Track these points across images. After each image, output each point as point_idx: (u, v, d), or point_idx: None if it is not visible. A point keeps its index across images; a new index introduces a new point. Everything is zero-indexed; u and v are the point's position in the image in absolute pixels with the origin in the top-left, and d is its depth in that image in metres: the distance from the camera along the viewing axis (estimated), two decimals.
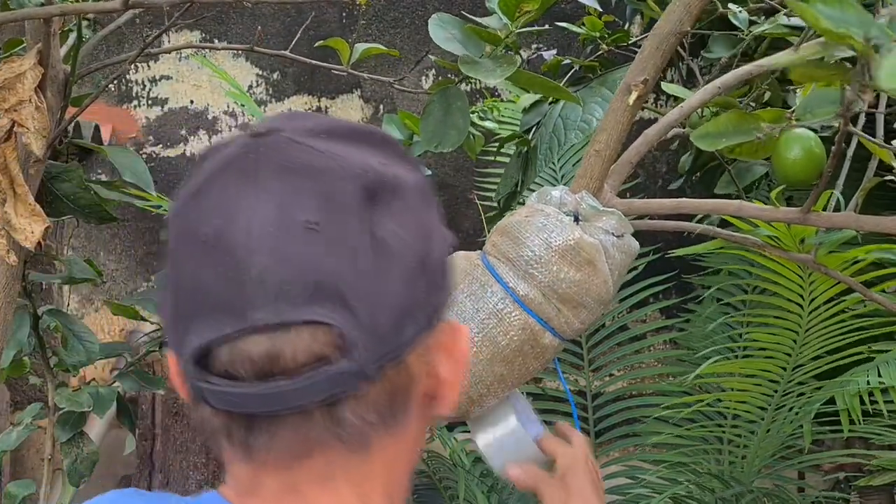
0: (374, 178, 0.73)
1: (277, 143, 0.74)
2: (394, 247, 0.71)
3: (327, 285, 0.69)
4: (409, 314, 0.72)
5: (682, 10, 1.30)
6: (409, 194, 0.75)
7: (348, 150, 0.74)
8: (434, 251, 0.75)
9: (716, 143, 1.20)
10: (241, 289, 0.69)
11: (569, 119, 1.81)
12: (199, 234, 0.71)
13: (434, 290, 0.74)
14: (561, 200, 1.31)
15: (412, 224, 0.74)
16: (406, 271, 0.72)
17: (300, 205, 0.71)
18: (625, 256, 1.30)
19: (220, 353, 0.70)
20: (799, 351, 2.55)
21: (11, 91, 1.73)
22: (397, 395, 0.73)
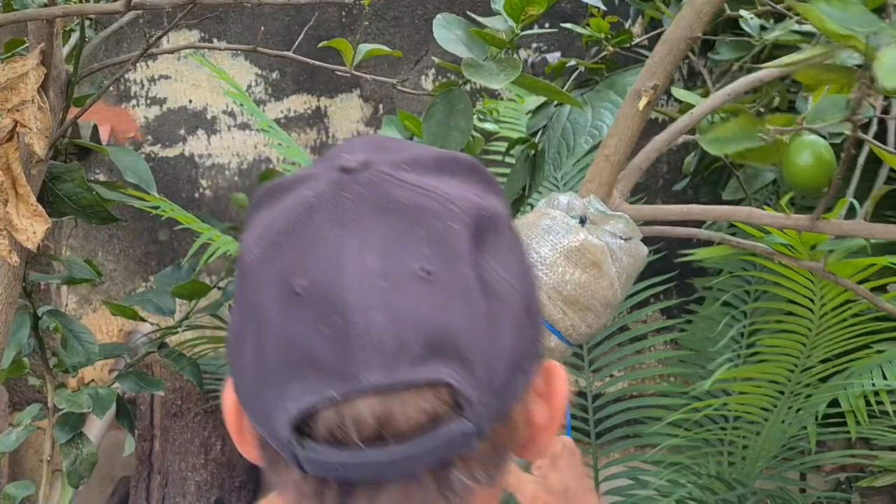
0: (477, 216, 0.67)
1: (374, 181, 0.67)
2: (502, 292, 0.66)
3: (445, 340, 0.63)
4: (519, 364, 0.66)
5: (693, 15, 1.29)
6: (506, 229, 0.70)
7: (444, 183, 0.68)
8: (532, 287, 0.70)
9: (725, 148, 1.19)
10: (349, 347, 0.62)
11: (578, 123, 1.80)
12: (292, 286, 0.64)
13: (537, 330, 0.69)
14: (569, 205, 1.30)
15: (514, 263, 0.69)
16: (516, 318, 0.66)
17: (410, 251, 0.64)
18: (633, 260, 1.29)
19: (323, 417, 0.63)
20: (808, 354, 2.54)
21: (14, 91, 1.72)
22: (501, 448, 0.68)
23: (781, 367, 2.59)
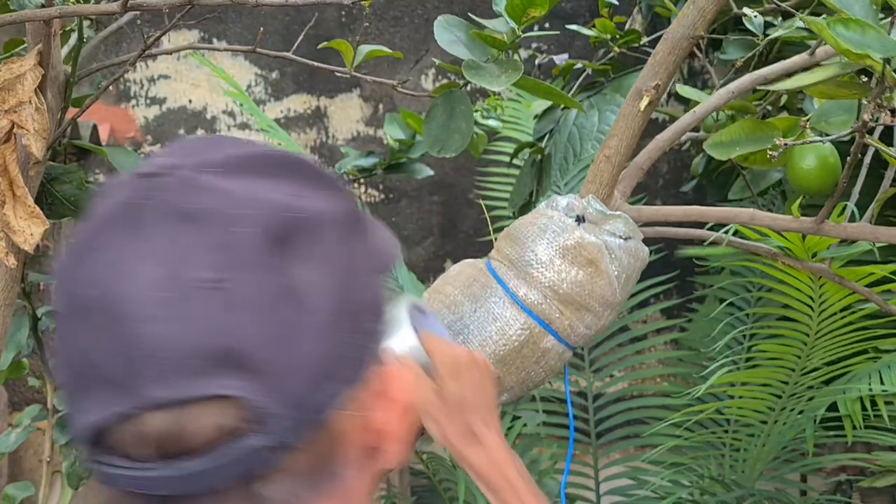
0: (283, 219, 0.64)
1: (170, 186, 0.64)
2: (309, 298, 0.63)
3: (233, 353, 0.60)
4: (328, 373, 0.63)
5: (695, 13, 1.28)
6: (329, 229, 0.66)
7: (253, 185, 0.65)
8: (359, 290, 0.66)
9: (729, 152, 1.19)
10: (131, 362, 0.60)
11: (584, 128, 1.79)
12: (83, 299, 0.63)
13: (360, 336, 0.66)
14: (568, 206, 1.30)
15: (331, 265, 0.65)
16: (324, 325, 0.63)
17: (196, 260, 0.62)
18: (632, 259, 1.28)
19: (115, 432, 0.61)
20: (807, 356, 2.53)
21: (11, 92, 1.71)
22: (324, 459, 0.65)
23: (781, 370, 2.59)
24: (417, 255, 3.68)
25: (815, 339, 2.49)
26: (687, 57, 2.21)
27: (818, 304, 2.42)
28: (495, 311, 1.26)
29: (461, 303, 1.28)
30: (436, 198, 3.68)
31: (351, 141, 3.66)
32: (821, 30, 0.91)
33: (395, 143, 2.73)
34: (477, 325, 1.26)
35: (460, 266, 1.33)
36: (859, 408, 2.38)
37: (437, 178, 3.62)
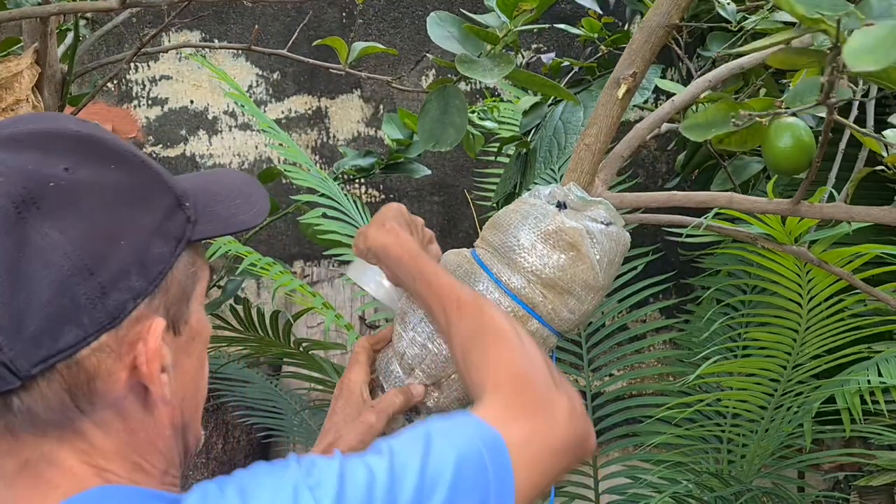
0: (32, 188, 0.78)
1: None
2: (47, 255, 0.77)
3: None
4: (69, 318, 0.78)
5: (670, 2, 1.29)
6: (90, 199, 0.80)
7: (24, 157, 0.80)
8: (116, 252, 0.80)
9: (704, 134, 1.20)
10: None
11: (569, 123, 1.80)
12: None
13: (114, 290, 0.79)
14: (550, 194, 1.31)
15: (83, 230, 0.79)
16: (62, 278, 0.77)
17: None
18: (614, 244, 1.29)
19: None
20: (799, 350, 2.55)
21: (8, 90, 1.73)
22: (79, 388, 0.80)
23: (773, 362, 2.60)
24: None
25: (806, 331, 2.51)
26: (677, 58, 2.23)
27: (806, 294, 2.44)
28: None
29: None
30: (436, 198, 3.70)
31: (351, 141, 3.68)
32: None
33: (394, 143, 2.75)
34: None
35: (446, 255, 1.35)
36: (858, 401, 2.39)
37: (437, 178, 3.64)
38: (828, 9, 0.91)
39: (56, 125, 0.84)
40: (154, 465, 0.86)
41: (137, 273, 0.81)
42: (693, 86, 1.32)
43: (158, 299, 0.83)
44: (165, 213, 0.84)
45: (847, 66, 0.81)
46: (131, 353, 0.82)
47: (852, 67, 0.80)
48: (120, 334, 0.81)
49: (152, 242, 0.82)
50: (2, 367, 0.77)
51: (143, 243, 0.82)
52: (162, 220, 0.84)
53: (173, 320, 0.85)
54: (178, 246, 0.85)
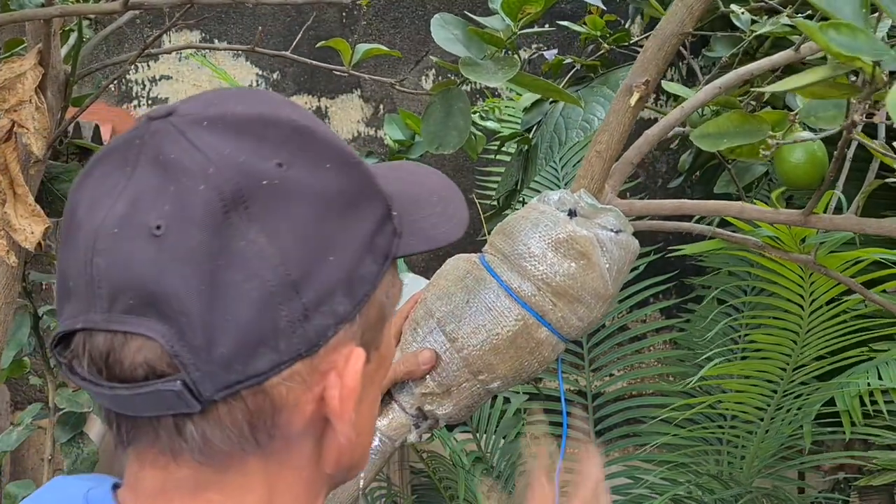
0: (241, 182, 0.67)
1: (160, 132, 0.69)
2: (252, 264, 0.66)
3: (157, 298, 0.65)
4: (265, 341, 0.67)
5: (684, 11, 1.29)
6: (302, 203, 0.68)
7: (234, 145, 0.68)
8: (324, 269, 0.68)
9: (717, 144, 1.20)
10: (89, 285, 0.67)
11: (570, 118, 1.80)
12: (72, 218, 0.69)
13: (316, 313, 0.68)
14: (560, 200, 1.31)
15: (293, 239, 0.67)
16: (264, 295, 0.66)
17: (153, 206, 0.66)
18: (623, 252, 1.29)
19: (76, 341, 0.69)
20: (800, 352, 2.55)
21: (12, 91, 1.73)
22: (260, 419, 0.69)
23: (774, 364, 2.60)
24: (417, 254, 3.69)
25: (807, 333, 2.51)
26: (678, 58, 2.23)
27: (808, 298, 2.45)
28: (489, 303, 1.27)
29: (455, 294, 1.29)
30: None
31: (352, 141, 3.67)
32: (812, 33, 0.92)
33: (395, 144, 2.74)
34: (470, 315, 1.27)
35: (454, 260, 1.35)
36: (858, 403, 2.39)
37: None
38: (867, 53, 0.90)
39: (270, 108, 0.72)
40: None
41: (344, 294, 0.69)
42: (703, 92, 1.32)
43: (357, 324, 0.71)
44: (377, 224, 0.73)
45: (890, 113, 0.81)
46: (321, 382, 0.70)
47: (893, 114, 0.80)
48: (315, 363, 0.69)
49: (363, 259, 0.71)
50: (184, 389, 0.66)
51: (354, 259, 0.70)
52: (373, 232, 0.72)
53: (367, 346, 0.73)
54: (384, 263, 0.73)
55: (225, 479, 0.71)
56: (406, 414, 1.31)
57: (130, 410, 0.69)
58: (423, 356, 1.27)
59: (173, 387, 0.66)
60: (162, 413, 0.68)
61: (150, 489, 0.72)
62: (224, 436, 0.68)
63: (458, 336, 1.27)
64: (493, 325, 1.26)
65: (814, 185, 1.28)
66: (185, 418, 0.68)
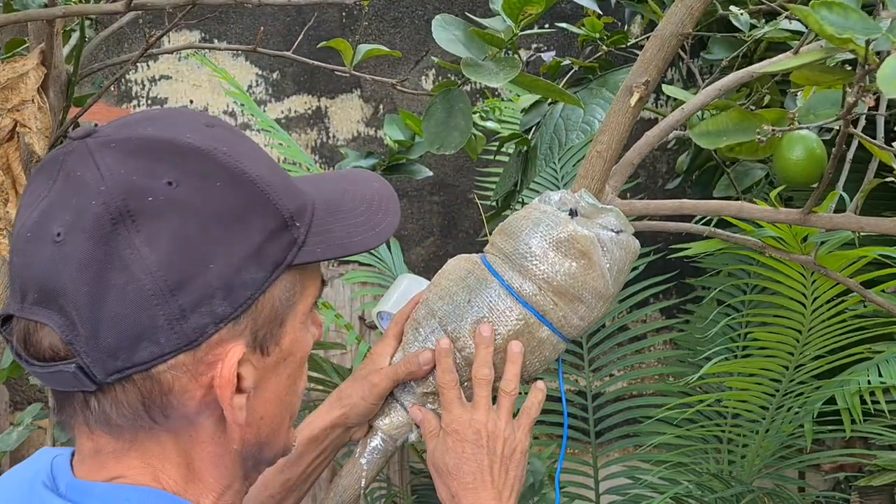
0: (130, 200, 0.78)
1: (76, 150, 0.81)
2: (133, 270, 0.77)
3: (53, 293, 0.78)
4: (145, 335, 0.78)
5: (683, 11, 1.30)
6: (186, 218, 0.79)
7: (132, 164, 0.80)
8: (203, 275, 0.79)
9: (716, 142, 1.20)
10: (10, 280, 0.83)
11: (570, 120, 1.80)
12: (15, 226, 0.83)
13: (194, 313, 0.79)
14: (561, 200, 1.31)
15: (172, 249, 0.78)
16: (142, 296, 0.78)
17: (58, 216, 0.79)
18: (624, 252, 1.30)
19: (11, 325, 0.83)
20: (801, 350, 2.56)
21: (14, 91, 1.73)
22: (152, 400, 0.81)
23: (775, 363, 2.61)
24: (417, 254, 3.69)
25: (808, 332, 2.51)
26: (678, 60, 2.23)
27: (810, 297, 2.45)
28: (491, 303, 1.28)
29: (456, 293, 1.29)
30: (436, 198, 3.70)
31: (351, 141, 3.68)
32: (805, 15, 0.93)
33: (395, 144, 2.74)
34: (472, 315, 1.28)
35: (455, 261, 1.35)
36: (858, 402, 2.40)
37: (437, 178, 3.64)
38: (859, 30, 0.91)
39: (175, 132, 0.83)
40: (216, 478, 0.87)
41: (223, 298, 0.80)
42: (703, 94, 1.33)
43: (244, 323, 0.82)
44: (266, 236, 0.83)
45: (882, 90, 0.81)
46: (209, 372, 0.81)
47: (887, 94, 0.80)
48: (198, 355, 0.80)
49: (245, 267, 0.81)
50: (79, 371, 0.78)
51: (234, 268, 0.81)
52: (261, 243, 0.82)
53: (262, 342, 0.84)
54: (274, 271, 0.83)
55: (143, 448, 0.83)
56: (407, 413, 1.31)
57: (49, 384, 0.82)
58: (424, 356, 1.28)
59: (69, 368, 0.79)
60: (69, 389, 0.81)
61: (87, 453, 0.85)
62: (120, 412, 0.81)
63: (460, 336, 1.27)
64: (495, 325, 1.27)
65: (812, 182, 1.29)
66: (90, 395, 0.81)
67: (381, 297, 1.46)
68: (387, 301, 1.44)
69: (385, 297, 1.44)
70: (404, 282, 1.45)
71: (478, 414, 1.23)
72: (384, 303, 1.44)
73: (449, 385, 1.25)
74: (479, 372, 1.25)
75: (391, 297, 1.43)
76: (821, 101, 1.22)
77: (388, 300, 1.43)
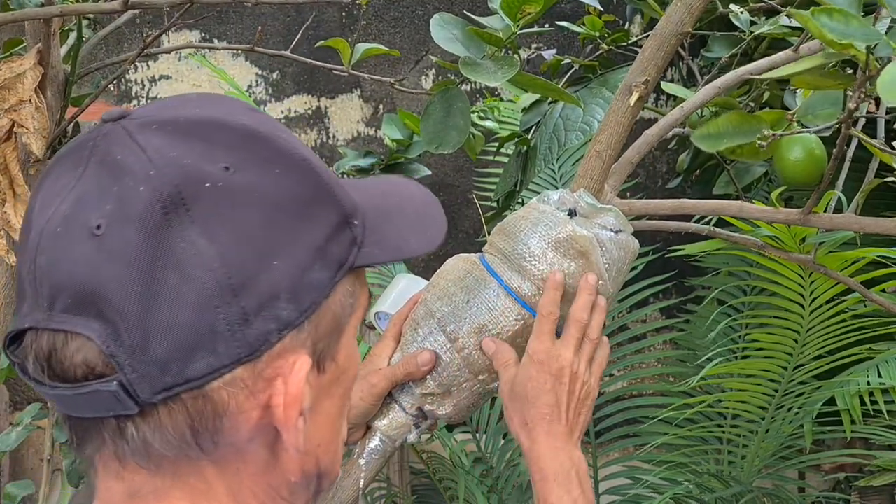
0: (181, 184, 0.67)
1: (111, 134, 0.70)
2: (191, 266, 0.66)
3: (92, 297, 0.66)
4: (202, 344, 0.67)
5: (683, 10, 1.29)
6: (248, 206, 0.69)
7: (182, 147, 0.69)
8: (267, 273, 0.68)
9: (717, 144, 1.20)
10: (31, 285, 0.69)
11: (569, 120, 1.80)
12: (26, 219, 0.71)
13: (258, 318, 0.68)
14: (560, 200, 1.31)
15: (234, 242, 0.67)
16: (201, 298, 0.66)
17: (96, 206, 0.67)
18: (623, 252, 1.29)
19: (25, 340, 0.70)
20: (800, 351, 2.55)
21: (11, 91, 1.73)
22: (202, 423, 0.69)
23: (774, 363, 2.60)
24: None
25: (807, 332, 2.51)
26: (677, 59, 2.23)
27: (809, 297, 2.45)
28: (490, 302, 1.27)
29: (455, 294, 1.29)
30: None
31: (351, 141, 3.67)
32: (805, 21, 0.92)
33: (393, 144, 2.74)
34: (471, 315, 1.27)
35: (454, 261, 1.35)
36: (858, 402, 2.40)
37: (437, 178, 3.63)
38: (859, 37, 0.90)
39: (225, 113, 0.72)
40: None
41: (288, 300, 0.69)
42: (702, 92, 1.32)
43: (307, 332, 0.71)
44: (330, 231, 0.72)
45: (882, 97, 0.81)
46: (267, 390, 0.70)
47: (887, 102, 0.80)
48: (258, 368, 0.69)
49: (311, 266, 0.70)
50: (121, 390, 0.66)
51: (301, 266, 0.70)
52: (326, 239, 0.72)
53: (320, 357, 0.73)
54: (338, 272, 0.72)
55: (187, 485, 0.71)
56: (406, 414, 1.31)
57: (75, 411, 0.69)
58: (423, 358, 1.27)
59: (110, 387, 0.66)
60: (103, 414, 0.68)
61: (118, 499, 0.72)
62: (164, 440, 0.68)
63: (459, 336, 1.27)
64: (494, 325, 1.26)
65: (813, 182, 1.29)
66: (127, 420, 0.68)
67: (379, 297, 1.46)
68: (384, 301, 1.43)
69: (383, 296, 1.44)
70: (402, 281, 1.45)
71: (566, 352, 1.21)
72: (381, 303, 1.44)
73: (549, 316, 1.22)
74: (576, 314, 1.23)
75: (389, 296, 1.43)
76: (820, 100, 1.21)
77: (386, 300, 1.43)
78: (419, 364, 1.27)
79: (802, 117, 1.21)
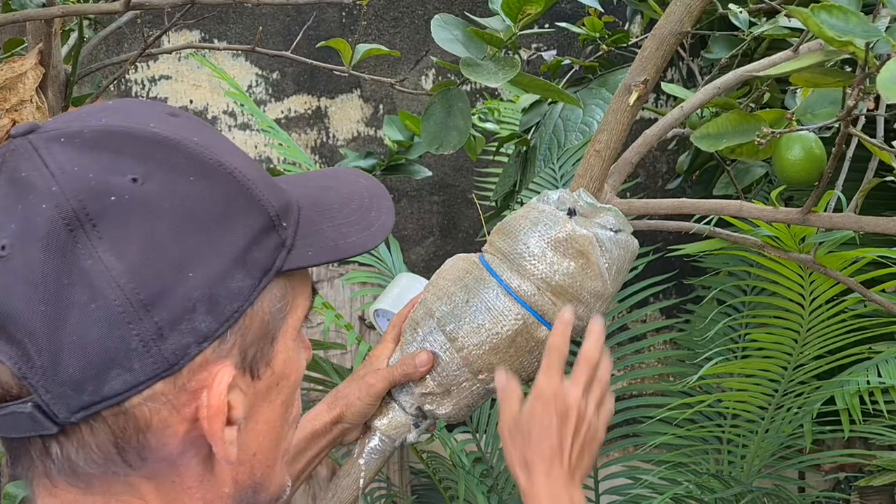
0: (89, 201, 0.65)
1: (18, 150, 0.68)
2: (97, 283, 0.64)
3: (3, 320, 0.65)
4: (117, 362, 0.65)
5: (682, 10, 1.29)
6: (157, 218, 0.66)
7: (87, 160, 0.67)
8: (181, 286, 0.66)
9: (716, 144, 1.20)
10: None
11: (569, 120, 1.81)
12: None
13: (173, 332, 0.66)
14: (559, 200, 1.31)
15: (144, 256, 0.66)
16: (110, 314, 0.65)
17: (1, 226, 0.66)
18: (622, 252, 1.30)
19: None
20: (800, 351, 2.56)
21: (12, 91, 1.73)
22: (127, 439, 0.68)
23: (773, 362, 2.61)
24: (417, 254, 3.69)
25: (807, 331, 2.52)
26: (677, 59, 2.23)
27: (809, 297, 2.45)
28: (489, 302, 1.28)
29: (454, 293, 1.29)
30: (436, 198, 3.70)
31: (351, 141, 3.68)
32: (805, 18, 0.93)
33: (394, 145, 2.74)
34: (470, 315, 1.28)
35: (453, 260, 1.35)
36: (857, 402, 2.40)
37: (437, 178, 3.64)
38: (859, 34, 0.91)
39: (136, 122, 0.70)
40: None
41: (206, 311, 0.67)
42: (702, 92, 1.33)
43: (231, 342, 0.69)
44: (252, 237, 0.70)
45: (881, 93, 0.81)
46: (193, 402, 0.69)
47: (887, 99, 0.80)
48: (179, 382, 0.67)
49: (230, 275, 0.68)
50: (36, 411, 0.65)
51: (218, 276, 0.68)
52: (247, 246, 0.69)
53: (251, 364, 0.72)
54: (262, 278, 0.70)
55: (120, 502, 0.70)
56: (406, 413, 1.32)
57: (1, 432, 0.68)
58: (421, 358, 1.27)
59: (25, 409, 0.65)
60: (24, 434, 0.67)
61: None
62: (89, 458, 0.68)
63: (458, 336, 1.27)
64: (493, 325, 1.27)
65: (812, 181, 1.29)
66: (51, 440, 0.67)
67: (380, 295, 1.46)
68: (385, 298, 1.44)
69: (383, 294, 1.45)
70: (403, 280, 1.45)
71: (575, 391, 1.16)
72: (382, 300, 1.44)
73: (558, 352, 1.18)
74: (587, 352, 1.19)
75: (390, 294, 1.44)
76: (819, 99, 1.22)
77: (387, 297, 1.44)
78: (417, 365, 1.27)
79: (801, 117, 1.21)
